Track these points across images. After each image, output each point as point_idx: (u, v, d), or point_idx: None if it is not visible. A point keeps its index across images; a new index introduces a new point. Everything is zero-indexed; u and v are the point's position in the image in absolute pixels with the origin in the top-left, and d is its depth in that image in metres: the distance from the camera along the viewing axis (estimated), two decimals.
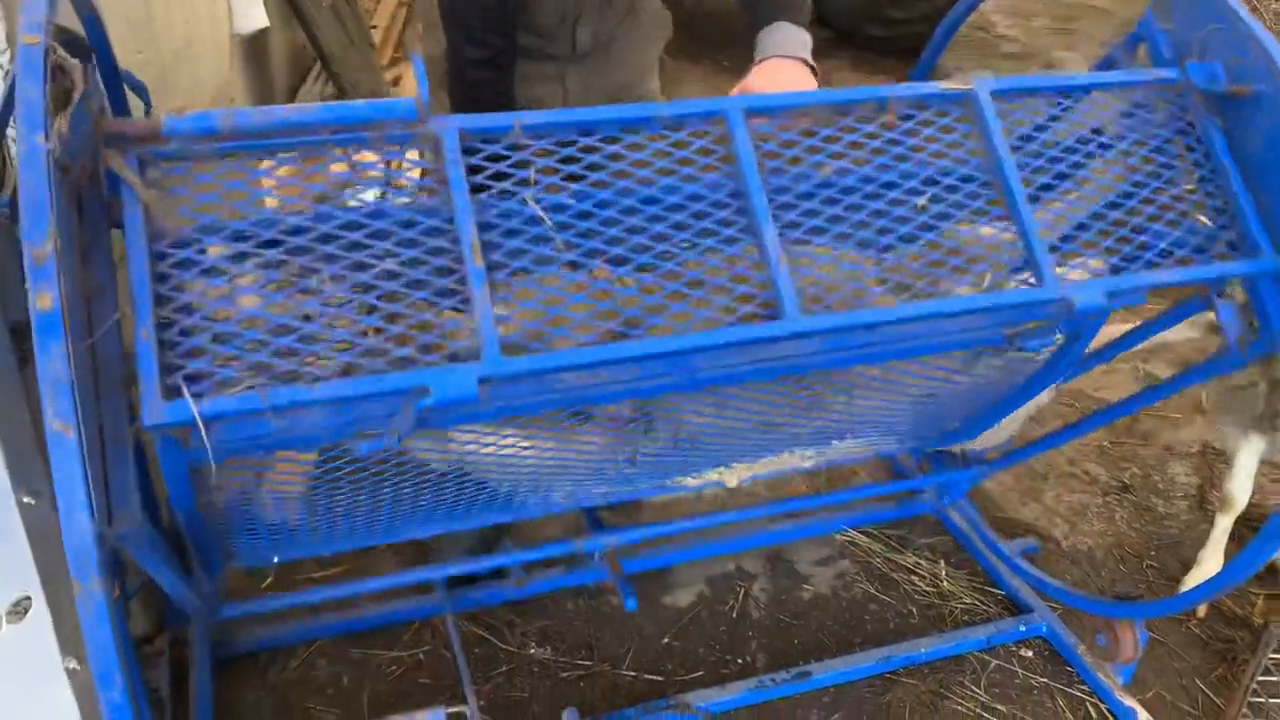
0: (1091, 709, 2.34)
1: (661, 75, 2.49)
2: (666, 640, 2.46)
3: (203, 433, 1.22)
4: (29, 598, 1.45)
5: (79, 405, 1.10)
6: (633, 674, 2.36)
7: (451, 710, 2.09)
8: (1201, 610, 2.60)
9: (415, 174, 1.53)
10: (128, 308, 1.26)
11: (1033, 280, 1.63)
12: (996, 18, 7.47)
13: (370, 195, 1.47)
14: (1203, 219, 1.83)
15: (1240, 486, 2.58)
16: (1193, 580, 2.63)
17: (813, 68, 1.93)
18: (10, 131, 1.59)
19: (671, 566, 2.65)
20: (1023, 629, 2.49)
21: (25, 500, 1.35)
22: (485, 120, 1.46)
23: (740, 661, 2.41)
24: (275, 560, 2.04)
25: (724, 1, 7.30)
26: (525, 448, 1.83)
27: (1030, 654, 2.47)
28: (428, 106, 1.40)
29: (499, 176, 1.46)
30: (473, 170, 1.43)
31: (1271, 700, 2.20)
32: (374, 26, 5.60)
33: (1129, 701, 2.29)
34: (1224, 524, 2.63)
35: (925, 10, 6.11)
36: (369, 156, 1.48)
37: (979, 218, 1.71)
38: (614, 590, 2.56)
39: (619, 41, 2.28)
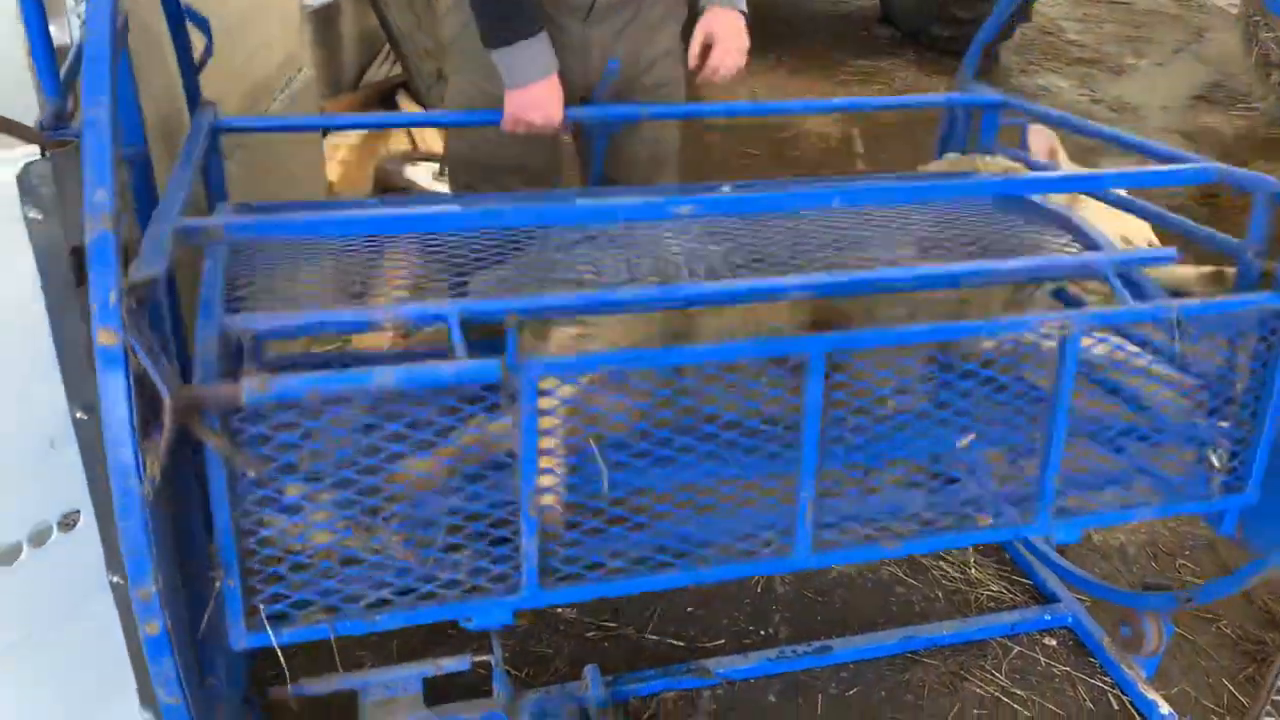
0: (1113, 700, 2.33)
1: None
2: (691, 608, 2.50)
3: (280, 657, 1.47)
4: (78, 511, 1.53)
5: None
6: (655, 638, 2.41)
7: (477, 659, 2.15)
8: None
9: None
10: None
11: (1028, 517, 1.78)
12: (1066, 24, 7.41)
13: None
14: (1215, 462, 1.89)
15: None
16: None
17: (744, 14, 2.27)
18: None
19: None
20: (1048, 618, 2.49)
21: (79, 416, 1.42)
22: (565, 362, 1.53)
23: (762, 633, 2.45)
24: None
25: None
26: None
27: (1054, 643, 2.47)
28: (515, 370, 1.42)
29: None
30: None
31: None
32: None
33: (1151, 694, 2.29)
34: None
35: (990, 11, 6.07)
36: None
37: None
38: None
39: (639, 17, 2.27)
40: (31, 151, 1.30)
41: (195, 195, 2.06)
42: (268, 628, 1.47)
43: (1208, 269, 2.01)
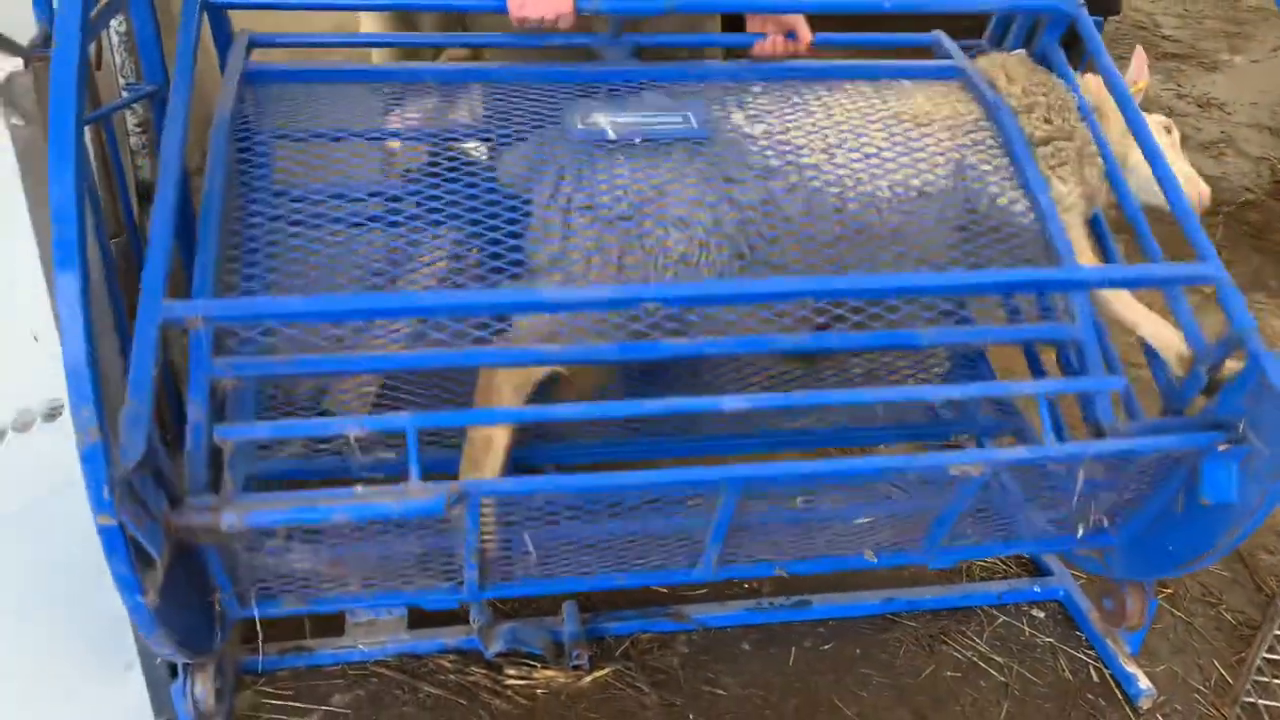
0: (1094, 672, 2.31)
1: None
2: None
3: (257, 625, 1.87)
4: (63, 405, 1.67)
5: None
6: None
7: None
8: None
9: None
10: None
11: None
12: (1164, 19, 7.18)
13: None
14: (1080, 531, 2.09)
15: None
16: None
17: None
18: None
19: None
20: (1038, 590, 2.48)
21: None
22: (504, 487, 1.80)
23: (746, 586, 2.48)
24: None
25: None
26: None
27: (1042, 615, 2.45)
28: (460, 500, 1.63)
29: None
30: None
31: (1275, 681, 2.13)
32: None
33: (1132, 668, 2.26)
34: None
35: None
36: None
37: None
38: None
39: None
40: (16, 64, 1.43)
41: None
42: (255, 613, 1.86)
43: (1189, 352, 1.99)
